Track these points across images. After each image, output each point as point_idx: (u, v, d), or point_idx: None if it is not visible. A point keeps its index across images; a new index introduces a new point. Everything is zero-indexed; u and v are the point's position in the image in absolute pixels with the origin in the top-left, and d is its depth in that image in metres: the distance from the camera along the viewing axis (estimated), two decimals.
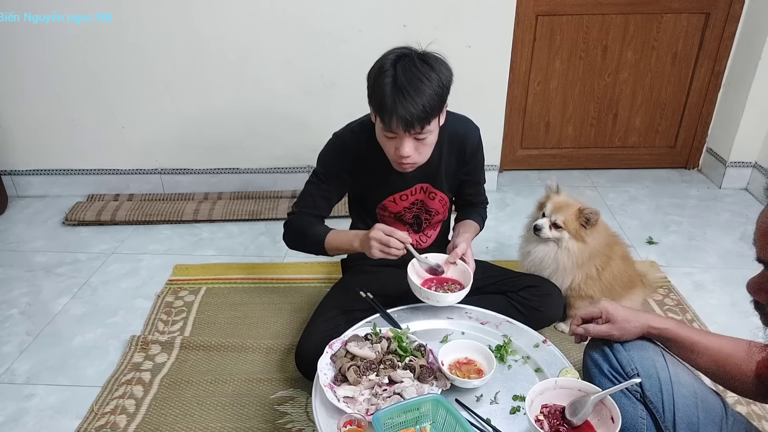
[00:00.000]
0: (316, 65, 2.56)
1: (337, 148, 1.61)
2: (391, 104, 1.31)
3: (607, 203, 2.73)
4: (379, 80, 1.34)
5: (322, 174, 1.63)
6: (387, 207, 1.68)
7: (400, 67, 1.33)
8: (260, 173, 2.83)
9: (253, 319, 1.99)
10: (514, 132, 2.92)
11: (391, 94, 1.31)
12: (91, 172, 2.82)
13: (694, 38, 2.71)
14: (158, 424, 1.57)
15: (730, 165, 2.79)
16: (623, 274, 1.80)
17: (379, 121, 1.40)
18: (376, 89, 1.36)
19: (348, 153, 1.59)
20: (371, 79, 1.39)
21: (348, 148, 1.59)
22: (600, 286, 1.77)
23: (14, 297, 2.12)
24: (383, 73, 1.34)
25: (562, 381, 1.16)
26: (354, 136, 1.59)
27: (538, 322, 1.68)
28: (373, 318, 1.45)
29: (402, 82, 1.31)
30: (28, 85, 2.59)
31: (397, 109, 1.31)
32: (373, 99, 1.38)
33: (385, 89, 1.32)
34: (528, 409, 1.09)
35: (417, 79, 1.31)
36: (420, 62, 1.34)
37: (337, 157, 1.61)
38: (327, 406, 1.19)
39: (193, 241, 2.49)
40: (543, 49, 2.72)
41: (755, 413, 1.58)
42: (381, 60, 1.39)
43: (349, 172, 1.62)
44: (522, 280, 1.74)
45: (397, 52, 1.38)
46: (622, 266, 1.79)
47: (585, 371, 1.34)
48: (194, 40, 2.50)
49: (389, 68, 1.34)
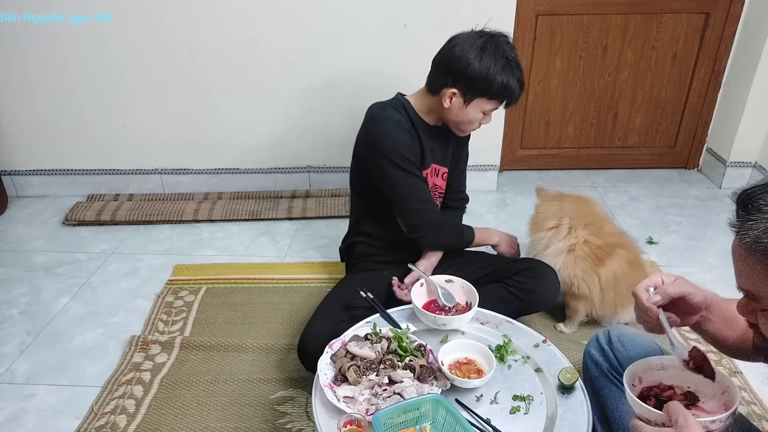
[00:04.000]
0: (316, 65, 2.56)
1: (406, 131, 1.62)
2: (516, 85, 1.52)
3: (607, 203, 2.73)
4: (489, 60, 1.48)
5: (411, 161, 1.62)
6: None
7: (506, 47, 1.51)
8: (260, 173, 2.83)
9: (253, 319, 1.99)
10: (514, 132, 2.92)
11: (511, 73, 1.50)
12: (91, 172, 2.82)
13: (694, 38, 2.71)
14: (158, 424, 1.57)
15: (730, 165, 2.79)
16: (629, 279, 1.73)
17: (481, 98, 1.53)
18: (491, 71, 1.48)
19: (405, 128, 1.63)
20: (472, 60, 1.49)
21: (407, 127, 1.63)
22: (598, 284, 1.74)
23: (14, 297, 2.12)
24: (494, 54, 1.48)
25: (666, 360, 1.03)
26: (396, 114, 1.63)
27: (536, 304, 1.69)
28: (373, 318, 1.45)
29: (513, 61, 1.51)
30: (28, 85, 2.59)
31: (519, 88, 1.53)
32: (485, 80, 1.49)
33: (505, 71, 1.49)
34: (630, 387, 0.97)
35: (513, 54, 1.52)
36: (504, 44, 1.52)
37: (411, 137, 1.63)
38: (327, 406, 1.19)
39: (193, 241, 2.49)
40: (543, 48, 2.72)
41: (755, 413, 1.58)
42: (471, 41, 1.51)
43: (412, 147, 1.64)
44: (516, 264, 1.75)
45: (483, 35, 1.52)
46: (628, 270, 1.74)
47: (585, 371, 1.34)
48: (194, 39, 2.50)
49: (494, 48, 1.49)
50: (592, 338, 1.34)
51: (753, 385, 1.67)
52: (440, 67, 1.56)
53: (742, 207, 0.77)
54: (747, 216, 0.75)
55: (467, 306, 1.45)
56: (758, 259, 0.75)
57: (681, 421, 0.82)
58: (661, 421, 0.88)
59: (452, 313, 1.43)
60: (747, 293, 0.81)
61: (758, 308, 0.81)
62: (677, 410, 0.84)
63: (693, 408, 0.97)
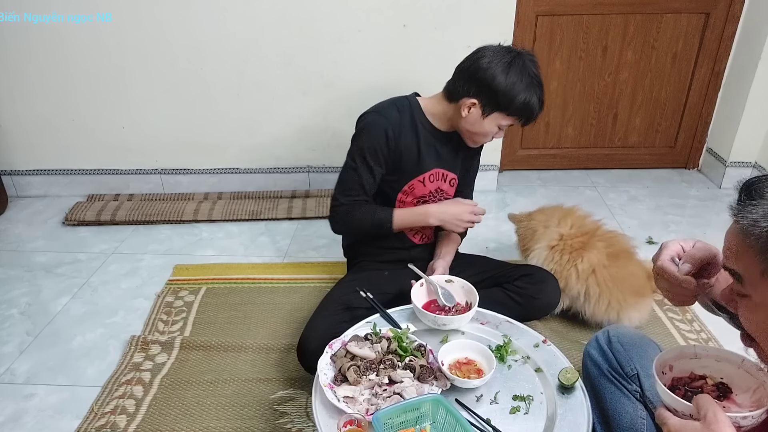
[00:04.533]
0: (316, 65, 2.56)
1: (378, 122, 1.61)
2: (538, 104, 1.54)
3: (607, 203, 2.73)
4: (515, 76, 1.49)
5: (371, 153, 1.62)
6: (414, 188, 1.70)
7: (531, 66, 1.52)
8: (260, 173, 2.83)
9: (253, 319, 1.99)
10: (514, 132, 2.92)
11: (534, 93, 1.52)
12: (91, 172, 2.82)
13: (694, 38, 2.71)
14: (158, 424, 1.57)
15: (730, 165, 2.79)
16: (612, 272, 1.78)
17: (501, 113, 1.55)
18: (515, 87, 1.49)
19: (389, 126, 1.61)
20: (498, 74, 1.49)
21: (390, 121, 1.61)
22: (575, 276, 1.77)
23: (14, 297, 2.12)
24: (521, 71, 1.50)
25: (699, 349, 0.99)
26: (392, 111, 1.62)
27: (536, 310, 1.69)
28: (373, 318, 1.45)
29: (536, 79, 1.52)
30: (28, 85, 2.59)
31: (536, 106, 1.54)
32: (508, 95, 1.50)
33: (530, 90, 1.51)
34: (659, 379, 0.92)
35: (538, 76, 1.53)
36: (530, 63, 1.52)
37: (386, 131, 1.61)
38: (327, 406, 1.19)
39: (193, 241, 2.49)
40: (543, 49, 2.72)
41: None
42: (500, 55, 1.51)
43: (387, 146, 1.62)
44: (517, 270, 1.75)
45: (512, 51, 1.52)
46: (610, 262, 1.78)
47: (585, 371, 1.34)
48: (194, 39, 2.50)
49: (522, 65, 1.50)
50: (592, 338, 1.34)
51: None
52: (464, 76, 1.55)
53: (745, 193, 0.77)
54: (749, 201, 0.75)
55: (467, 306, 1.45)
56: (752, 242, 0.74)
57: (710, 416, 0.78)
58: (689, 413, 0.83)
59: (452, 313, 1.43)
60: (732, 273, 0.80)
61: (740, 293, 0.80)
62: (707, 404, 0.80)
63: (724, 400, 0.93)
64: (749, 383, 0.92)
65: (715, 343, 1.81)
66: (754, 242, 0.73)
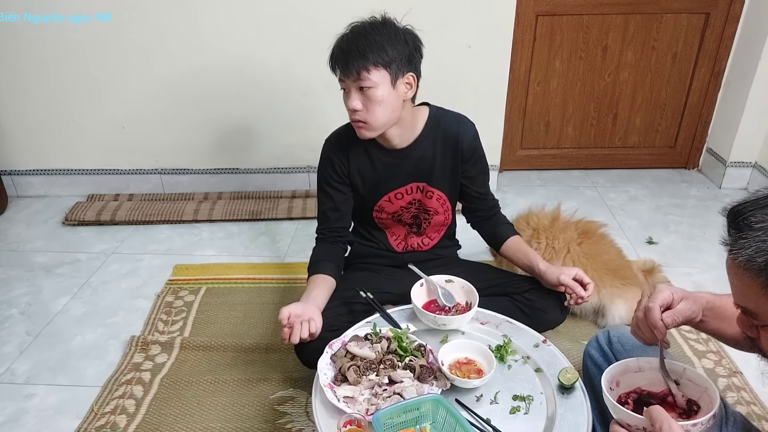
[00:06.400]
0: (316, 65, 2.55)
1: (329, 149, 1.64)
2: (337, 50, 1.43)
3: (607, 203, 2.73)
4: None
5: (324, 181, 1.65)
6: (384, 207, 1.68)
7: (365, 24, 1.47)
8: (260, 173, 2.83)
9: (253, 319, 1.99)
10: (514, 132, 2.92)
11: (339, 42, 1.44)
12: (91, 172, 2.82)
13: (694, 38, 2.71)
14: (158, 424, 1.57)
15: (730, 165, 2.79)
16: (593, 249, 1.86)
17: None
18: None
19: (339, 150, 1.62)
20: None
21: (338, 146, 1.62)
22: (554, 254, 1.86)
23: (14, 297, 2.12)
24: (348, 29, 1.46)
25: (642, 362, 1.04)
26: (340, 135, 1.64)
27: (542, 324, 1.67)
28: (373, 318, 1.45)
29: (350, 33, 1.45)
30: (28, 85, 2.59)
31: (340, 52, 1.42)
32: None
33: (337, 40, 1.45)
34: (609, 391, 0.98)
35: (363, 29, 1.44)
36: (372, 23, 1.47)
37: (330, 157, 1.63)
38: (327, 406, 1.19)
39: (193, 241, 2.49)
40: (543, 49, 2.72)
41: (755, 413, 1.58)
42: None
43: (336, 173, 1.63)
44: (526, 282, 1.73)
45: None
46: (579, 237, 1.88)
47: (585, 371, 1.34)
48: (194, 40, 2.50)
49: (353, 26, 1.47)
50: (592, 338, 1.34)
51: (753, 385, 1.67)
52: None
53: (733, 225, 0.76)
54: (738, 234, 0.74)
55: (467, 306, 1.45)
56: (753, 277, 0.74)
57: (665, 428, 0.82)
58: (642, 426, 0.87)
59: (452, 313, 1.43)
60: (744, 310, 0.81)
61: (757, 324, 0.80)
62: (660, 416, 0.83)
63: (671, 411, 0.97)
64: (693, 391, 0.98)
65: (715, 344, 1.81)
66: (755, 277, 0.73)
